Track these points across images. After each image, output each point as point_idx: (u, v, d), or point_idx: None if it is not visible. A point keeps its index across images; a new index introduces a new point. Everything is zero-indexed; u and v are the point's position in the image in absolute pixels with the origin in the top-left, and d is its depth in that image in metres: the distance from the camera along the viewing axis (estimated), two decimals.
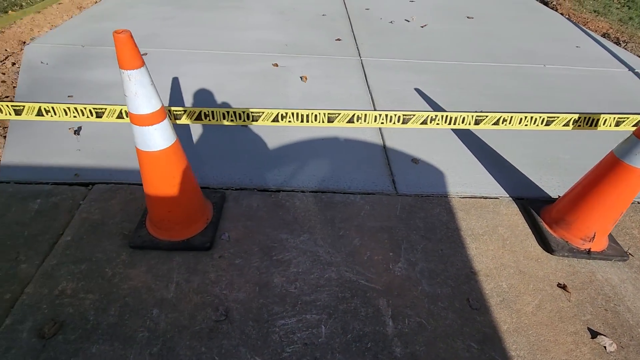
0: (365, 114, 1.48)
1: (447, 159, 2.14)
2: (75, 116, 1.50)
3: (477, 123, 1.52)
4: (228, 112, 1.49)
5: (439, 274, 1.53)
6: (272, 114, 1.49)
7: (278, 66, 2.94)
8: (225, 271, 1.50)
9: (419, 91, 2.77)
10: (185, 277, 1.47)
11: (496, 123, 1.51)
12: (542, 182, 2.03)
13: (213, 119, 1.50)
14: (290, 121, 1.51)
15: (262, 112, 1.50)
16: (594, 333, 1.37)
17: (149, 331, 1.29)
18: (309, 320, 1.35)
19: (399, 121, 1.53)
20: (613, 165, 1.48)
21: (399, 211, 1.80)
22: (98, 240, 1.58)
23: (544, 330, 1.36)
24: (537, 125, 1.53)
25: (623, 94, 2.89)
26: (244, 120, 1.53)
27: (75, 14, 3.81)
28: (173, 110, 1.59)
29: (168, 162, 1.37)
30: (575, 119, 1.69)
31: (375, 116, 1.54)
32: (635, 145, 1.40)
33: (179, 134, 1.77)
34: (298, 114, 1.49)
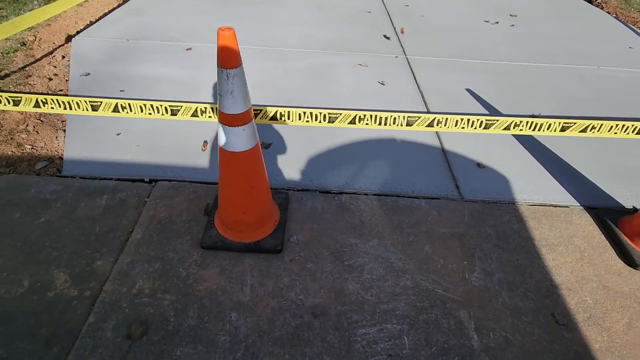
0: (462, 118, 1.41)
1: (510, 163, 2.07)
2: (150, 113, 1.48)
3: (564, 130, 1.45)
4: (305, 113, 1.44)
5: (518, 285, 1.48)
6: (350, 115, 1.45)
7: (321, 63, 2.89)
8: (298, 275, 1.47)
9: (470, 92, 2.68)
10: (259, 281, 1.44)
11: (584, 130, 1.44)
12: (613, 191, 1.94)
13: (288, 119, 1.46)
14: (367, 124, 1.46)
15: (340, 114, 1.45)
16: None
17: (230, 335, 1.27)
18: (390, 330, 1.31)
19: (481, 126, 1.46)
20: None
21: (467, 217, 1.75)
22: (168, 239, 1.56)
23: (638, 351, 1.30)
24: (628, 134, 1.45)
25: None
26: (320, 122, 1.49)
27: (114, 6, 3.82)
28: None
29: (250, 164, 1.34)
30: None
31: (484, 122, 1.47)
32: None
33: None
34: (376, 117, 1.44)
